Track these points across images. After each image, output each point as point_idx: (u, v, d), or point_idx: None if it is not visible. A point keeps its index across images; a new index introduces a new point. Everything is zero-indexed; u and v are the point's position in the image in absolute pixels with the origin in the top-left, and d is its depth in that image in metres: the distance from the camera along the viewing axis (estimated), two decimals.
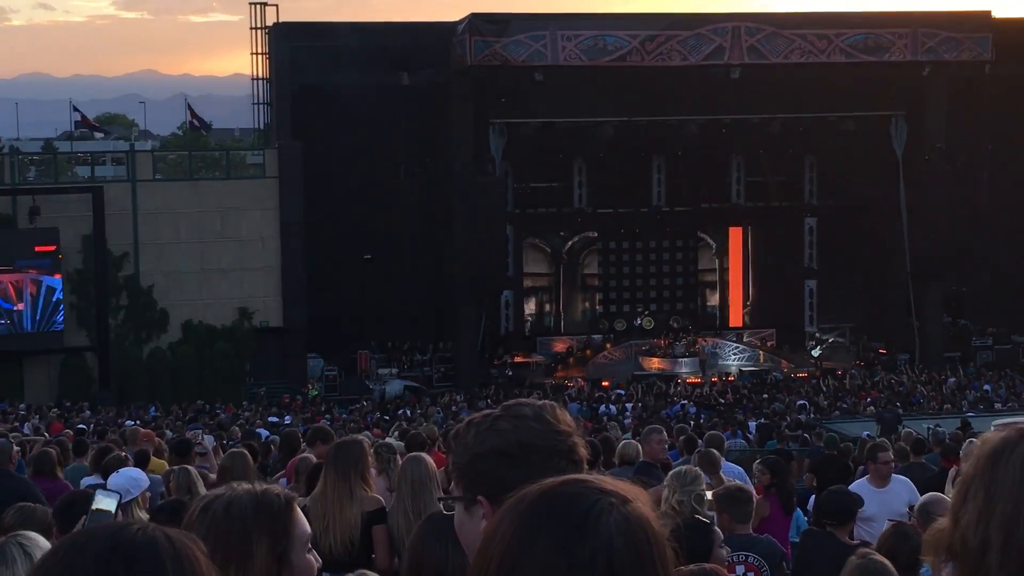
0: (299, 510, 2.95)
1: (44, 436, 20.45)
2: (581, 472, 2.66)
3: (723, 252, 56.41)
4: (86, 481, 11.45)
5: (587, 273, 55.30)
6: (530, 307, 54.87)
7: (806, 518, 10.90)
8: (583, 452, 2.74)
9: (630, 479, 2.28)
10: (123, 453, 12.67)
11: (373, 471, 8.36)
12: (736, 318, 56.13)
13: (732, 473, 12.18)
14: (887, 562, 5.58)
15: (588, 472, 2.41)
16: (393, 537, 7.53)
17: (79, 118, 52.54)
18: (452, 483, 2.80)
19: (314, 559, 2.96)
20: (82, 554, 1.79)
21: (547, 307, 55.57)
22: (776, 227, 54.75)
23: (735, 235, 56.27)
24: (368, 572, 5.09)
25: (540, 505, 1.92)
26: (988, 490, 2.11)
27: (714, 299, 56.91)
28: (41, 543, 4.65)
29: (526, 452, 2.65)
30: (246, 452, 8.84)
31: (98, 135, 51.00)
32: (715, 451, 12.77)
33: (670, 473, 8.17)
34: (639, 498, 1.98)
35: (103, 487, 8.74)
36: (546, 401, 2.84)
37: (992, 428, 2.36)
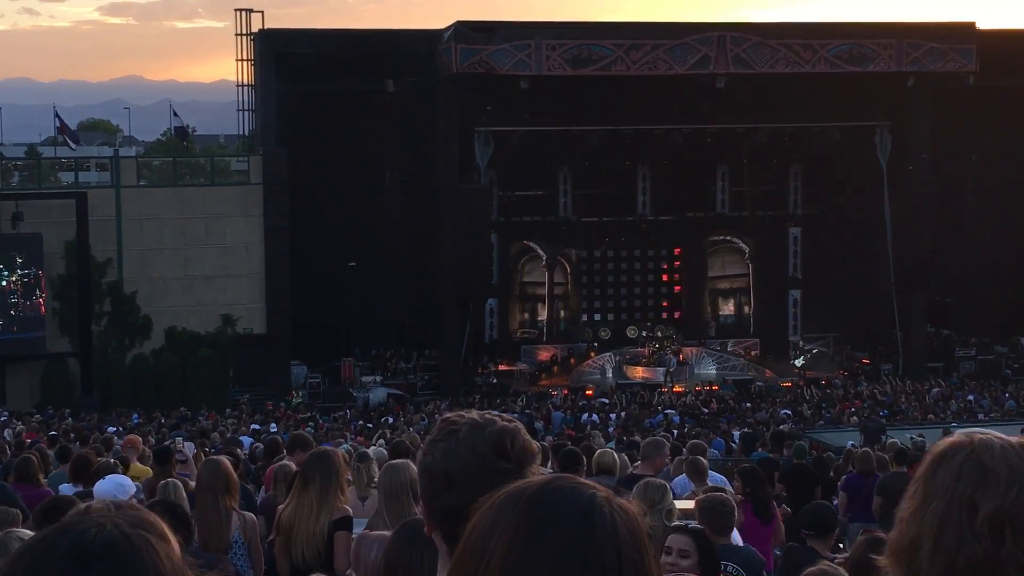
0: None
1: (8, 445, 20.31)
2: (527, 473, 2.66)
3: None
4: (64, 488, 11.41)
5: (567, 282, 55.07)
6: (523, 315, 54.64)
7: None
8: (531, 468, 2.69)
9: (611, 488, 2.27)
10: (111, 460, 12.65)
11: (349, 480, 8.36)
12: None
13: (715, 481, 12.19)
14: (842, 571, 5.60)
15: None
16: None
17: (58, 125, 52.36)
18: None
19: None
20: (41, 562, 1.76)
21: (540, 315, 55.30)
22: (760, 237, 54.83)
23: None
24: None
25: (538, 501, 1.89)
26: (926, 489, 2.12)
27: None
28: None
29: (458, 475, 2.65)
30: (221, 460, 8.79)
31: (74, 145, 50.72)
32: (702, 459, 12.81)
33: (635, 490, 8.13)
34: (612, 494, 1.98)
35: (89, 495, 8.69)
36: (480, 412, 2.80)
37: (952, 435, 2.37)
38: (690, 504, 9.03)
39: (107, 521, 1.81)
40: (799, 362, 51.83)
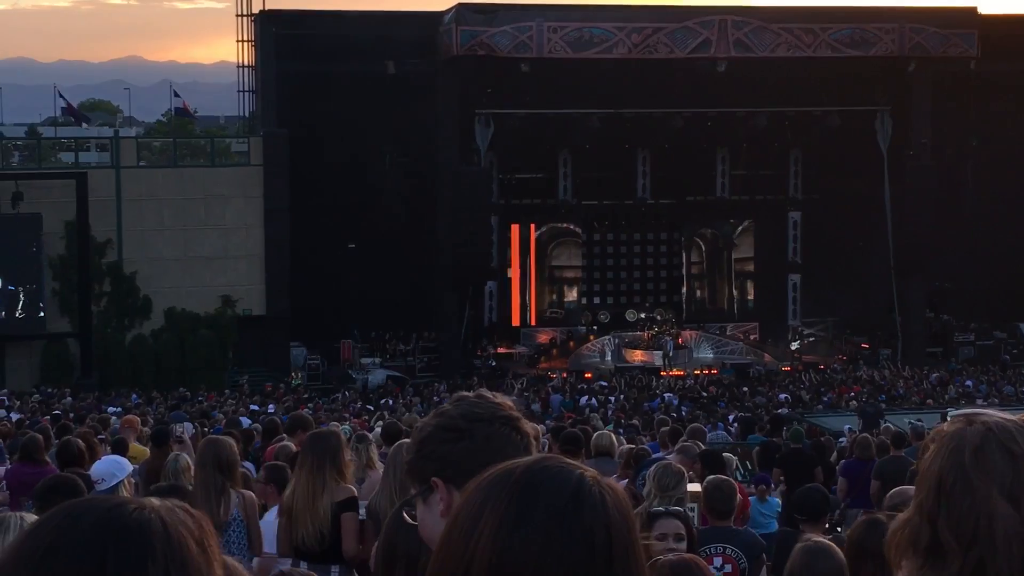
0: None
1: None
2: (529, 444, 2.74)
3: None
4: None
5: (570, 265, 55.16)
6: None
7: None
8: (527, 427, 2.81)
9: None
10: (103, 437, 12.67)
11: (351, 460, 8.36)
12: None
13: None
14: (831, 544, 5.63)
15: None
16: (379, 523, 7.53)
17: (64, 105, 52.34)
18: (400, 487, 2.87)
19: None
20: (74, 525, 1.76)
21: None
22: (760, 221, 54.81)
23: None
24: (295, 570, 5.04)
25: (527, 481, 1.90)
26: (974, 483, 2.12)
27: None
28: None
29: (468, 421, 2.74)
30: (220, 439, 8.81)
31: (84, 124, 50.80)
32: (701, 444, 12.86)
33: (649, 473, 8.14)
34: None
35: (84, 475, 8.72)
36: (482, 388, 2.97)
37: (949, 419, 2.37)
38: (694, 487, 9.06)
39: (148, 505, 1.80)
40: (795, 345, 51.84)
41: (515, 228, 53.08)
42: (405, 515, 2.72)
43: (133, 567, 1.72)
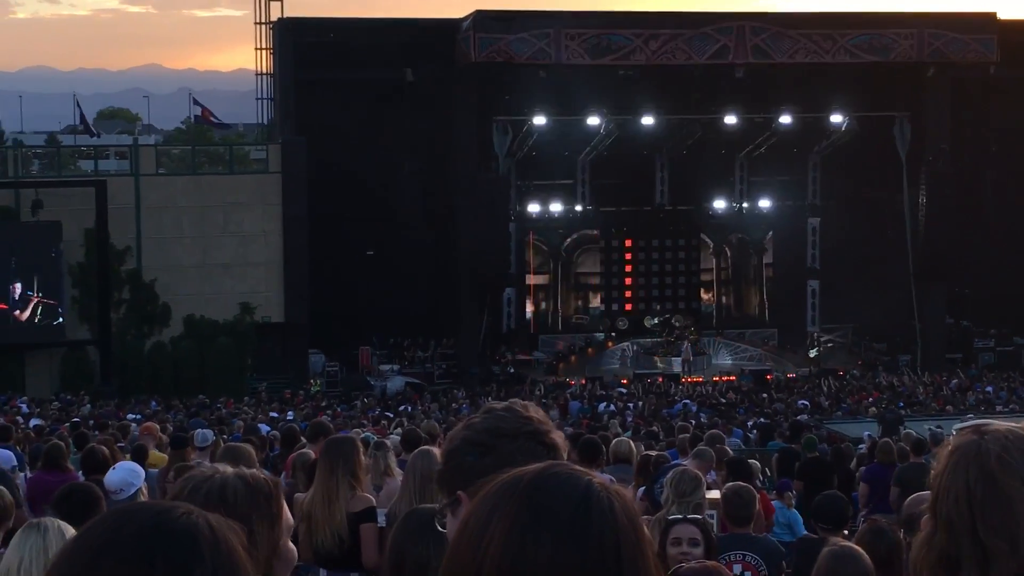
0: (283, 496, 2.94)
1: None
2: (557, 457, 2.72)
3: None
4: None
5: (588, 271, 55.19)
6: (530, 306, 54.77)
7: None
8: (556, 438, 2.82)
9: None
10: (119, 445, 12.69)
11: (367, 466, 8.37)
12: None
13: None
14: (858, 548, 5.60)
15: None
16: None
17: (80, 116, 52.55)
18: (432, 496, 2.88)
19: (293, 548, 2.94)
20: (123, 528, 1.80)
21: (544, 305, 55.31)
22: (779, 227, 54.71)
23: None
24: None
25: (535, 488, 1.90)
26: (1006, 490, 2.15)
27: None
28: (67, 529, 4.88)
29: (494, 437, 2.75)
30: (242, 447, 8.82)
31: (93, 138, 51.04)
32: (713, 449, 12.82)
33: (666, 479, 8.12)
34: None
35: (99, 483, 8.73)
36: (515, 400, 2.95)
37: (954, 432, 2.36)
38: (714, 494, 9.05)
39: (195, 511, 1.85)
40: (812, 354, 51.71)
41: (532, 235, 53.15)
42: (437, 523, 2.73)
43: (181, 570, 1.76)
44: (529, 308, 53.76)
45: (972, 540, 2.15)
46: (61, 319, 42.96)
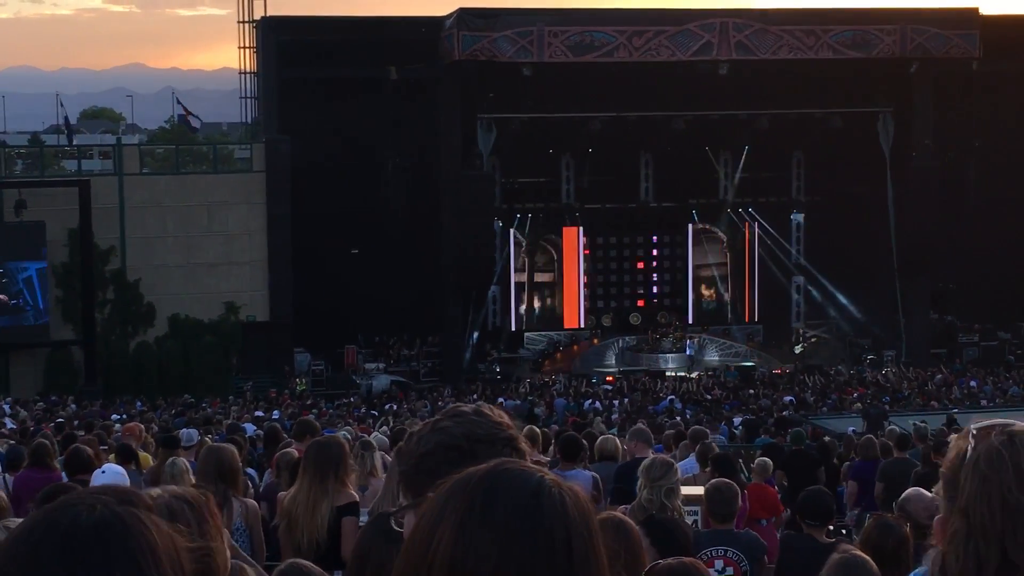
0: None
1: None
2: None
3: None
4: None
5: (572, 268, 55.07)
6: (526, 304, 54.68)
7: None
8: (524, 445, 2.79)
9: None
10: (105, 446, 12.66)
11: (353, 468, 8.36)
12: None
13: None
14: (867, 557, 5.60)
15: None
16: None
17: (65, 122, 52.45)
18: (401, 496, 2.82)
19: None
20: (41, 546, 1.76)
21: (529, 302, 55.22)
22: (763, 223, 54.78)
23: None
24: (301, 561, 5.04)
25: (486, 485, 1.91)
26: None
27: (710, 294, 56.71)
28: None
29: (472, 443, 2.70)
30: (222, 447, 8.79)
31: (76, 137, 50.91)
32: (701, 445, 12.86)
33: (640, 467, 8.18)
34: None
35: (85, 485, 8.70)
36: (480, 403, 2.92)
37: (974, 431, 2.33)
38: (697, 490, 9.08)
39: (95, 502, 1.80)
40: (797, 350, 51.77)
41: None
42: (393, 523, 2.71)
43: (99, 569, 1.73)
44: (514, 306, 53.71)
45: (999, 549, 2.15)
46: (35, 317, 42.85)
